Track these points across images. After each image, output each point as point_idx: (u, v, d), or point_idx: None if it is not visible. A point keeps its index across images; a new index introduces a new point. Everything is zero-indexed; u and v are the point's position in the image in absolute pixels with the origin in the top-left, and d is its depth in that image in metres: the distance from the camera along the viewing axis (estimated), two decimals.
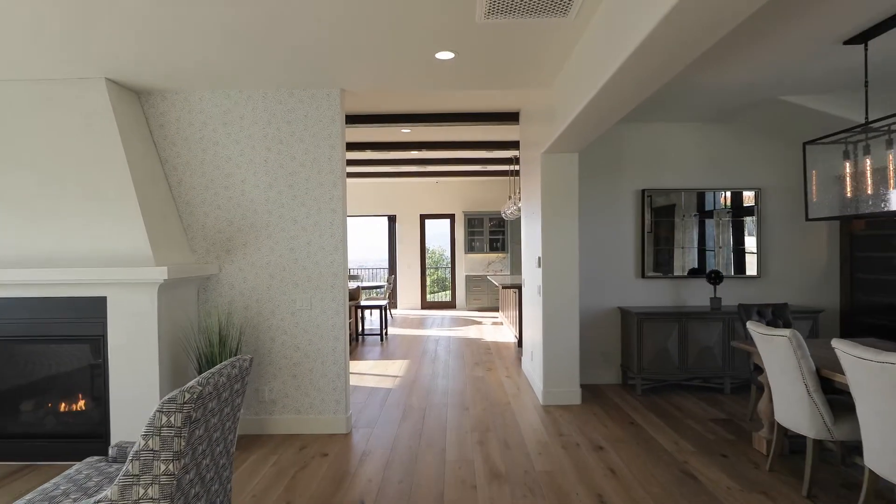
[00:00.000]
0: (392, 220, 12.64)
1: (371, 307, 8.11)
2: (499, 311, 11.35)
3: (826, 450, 3.55)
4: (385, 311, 8.53)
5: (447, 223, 12.61)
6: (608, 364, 5.53)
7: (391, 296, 12.33)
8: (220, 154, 4.15)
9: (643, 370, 5.08)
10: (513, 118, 5.80)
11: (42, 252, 3.63)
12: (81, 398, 3.74)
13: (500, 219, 12.16)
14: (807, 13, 2.97)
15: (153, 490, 1.83)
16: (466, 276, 12.23)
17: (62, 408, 3.76)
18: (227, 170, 4.15)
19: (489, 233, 12.29)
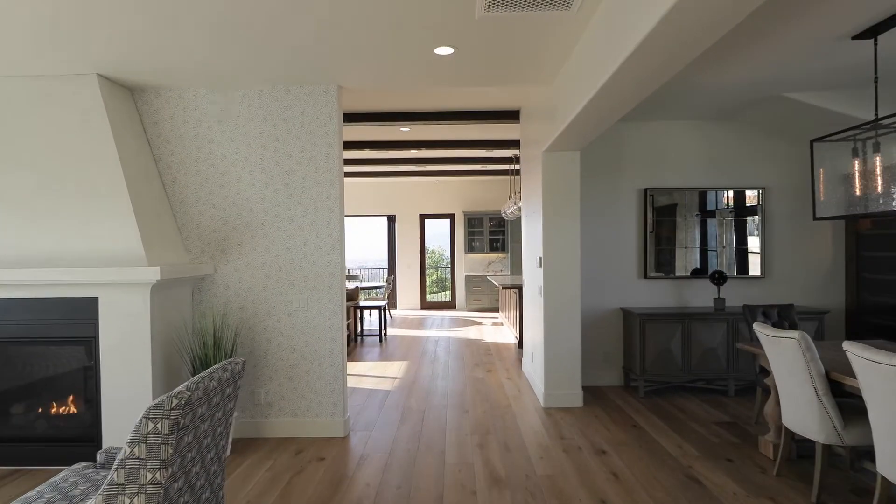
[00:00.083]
0: (391, 220, 12.57)
1: (370, 308, 8.04)
2: (499, 312, 11.28)
3: (834, 454, 3.47)
4: (384, 312, 8.45)
5: (447, 223, 12.53)
6: (610, 365, 5.45)
7: (390, 296, 12.25)
8: (215, 152, 4.07)
9: (646, 372, 5.00)
10: (513, 116, 5.72)
11: (31, 252, 3.55)
12: (73, 401, 3.66)
13: (500, 218, 12.08)
14: (814, 8, 2.89)
15: (139, 500, 1.76)
16: (466, 277, 12.16)
17: (53, 411, 3.68)
18: (223, 168, 4.07)
19: (489, 233, 12.22)
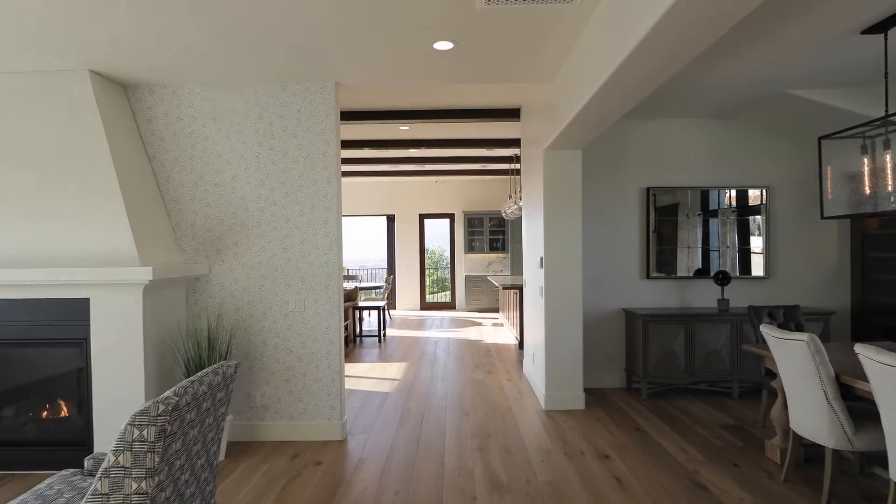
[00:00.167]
0: (391, 220, 12.49)
1: (369, 308, 7.96)
2: (499, 312, 11.20)
3: (843, 459, 3.39)
4: (383, 313, 8.37)
5: (447, 223, 12.45)
6: (612, 367, 5.37)
7: (390, 296, 12.17)
8: (210, 150, 3.99)
9: (648, 374, 4.92)
10: (514, 115, 5.64)
11: (21, 252, 3.47)
12: (64, 404, 3.58)
13: (501, 218, 12.01)
14: (821, 2, 2.82)
15: None
16: (466, 277, 12.08)
17: (45, 414, 3.61)
18: (218, 166, 3.99)
19: (489, 232, 12.14)
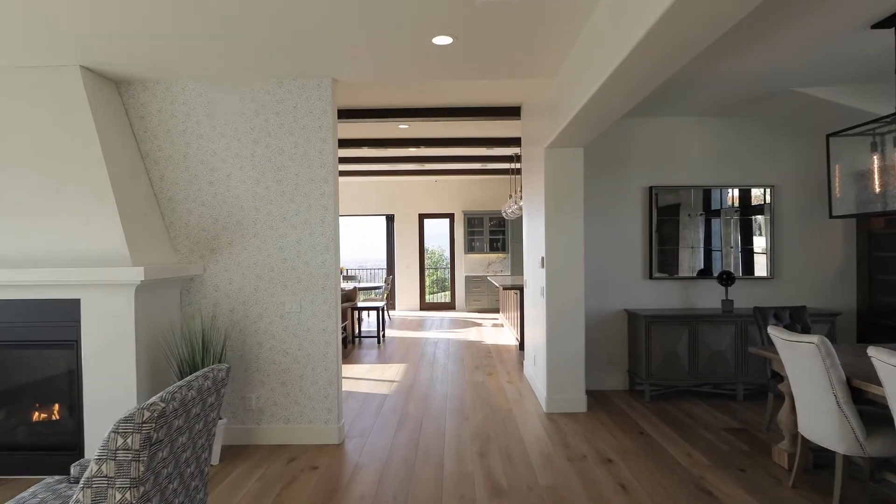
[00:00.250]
0: (390, 220, 12.41)
1: (367, 309, 7.88)
2: (499, 313, 11.12)
3: (853, 464, 3.30)
4: (382, 313, 8.29)
5: (446, 223, 12.38)
6: (614, 369, 5.29)
7: (389, 297, 12.09)
8: (205, 147, 3.91)
9: (651, 375, 4.84)
10: (514, 113, 5.57)
11: (9, 252, 3.38)
12: (55, 407, 3.50)
13: (501, 218, 11.93)
14: None
15: None
16: (466, 277, 12.00)
17: (35, 417, 3.52)
18: (212, 164, 3.91)
19: (489, 232, 12.06)
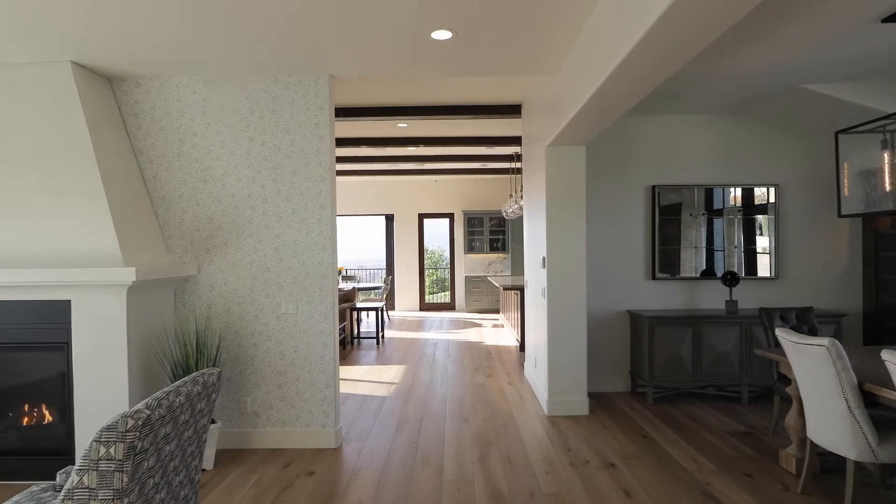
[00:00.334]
0: (390, 220, 12.33)
1: (366, 309, 7.80)
2: (499, 313, 11.04)
3: (863, 470, 3.22)
4: (381, 314, 8.21)
5: (446, 223, 12.30)
6: (616, 371, 5.21)
7: (389, 297, 12.01)
8: (199, 145, 3.83)
9: (654, 377, 4.76)
10: (514, 111, 5.49)
11: None
12: (46, 411, 3.42)
13: (501, 218, 11.85)
14: None
15: None
16: (466, 277, 11.92)
17: (26, 421, 3.44)
18: (207, 162, 3.83)
19: (489, 232, 11.98)
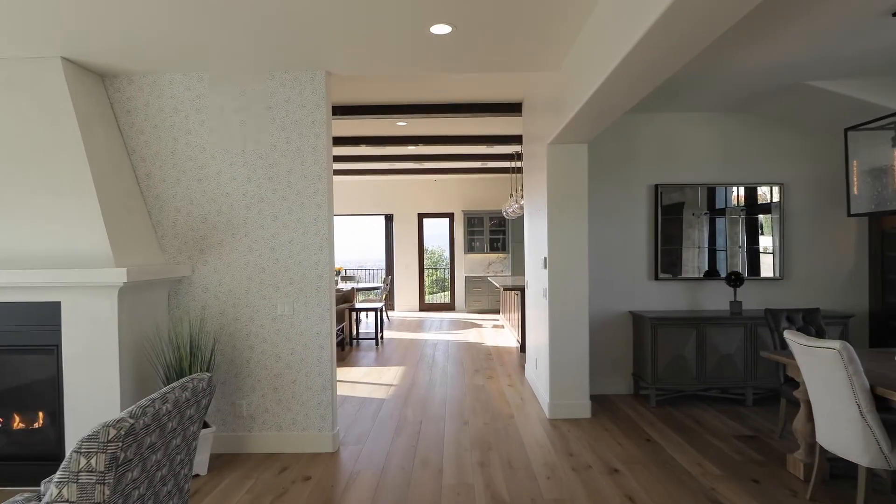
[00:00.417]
0: (389, 220, 12.25)
1: (365, 310, 7.72)
2: (499, 314, 10.96)
3: (874, 476, 3.14)
4: (380, 314, 8.13)
5: (446, 222, 12.22)
6: (618, 372, 5.13)
7: (388, 297, 11.93)
8: (193, 143, 3.75)
9: (658, 380, 4.68)
10: (515, 109, 5.41)
11: None
12: (37, 415, 3.34)
13: (501, 218, 11.77)
14: None
15: None
16: (466, 277, 11.84)
17: (16, 425, 3.36)
18: (201, 161, 3.75)
19: (489, 232, 11.91)
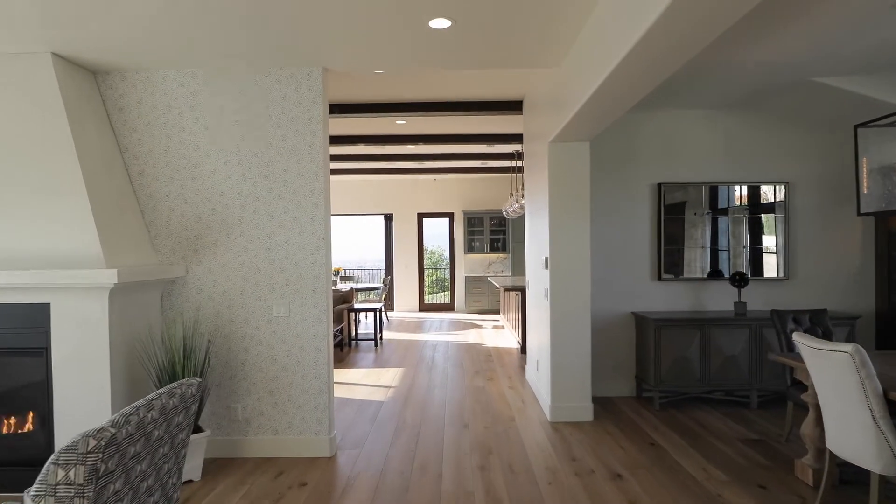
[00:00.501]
0: (389, 220, 12.17)
1: (364, 310, 7.64)
2: (500, 314, 10.88)
3: (887, 482, 3.06)
4: (379, 315, 8.06)
5: (446, 222, 12.14)
6: (620, 374, 5.05)
7: (388, 298, 11.86)
8: (187, 141, 3.67)
9: (661, 382, 4.60)
10: (516, 107, 5.33)
11: None
12: (27, 419, 3.26)
13: (501, 217, 11.69)
14: None
15: None
16: (466, 278, 11.76)
17: (4, 430, 3.29)
18: (195, 159, 3.67)
19: (490, 232, 11.83)
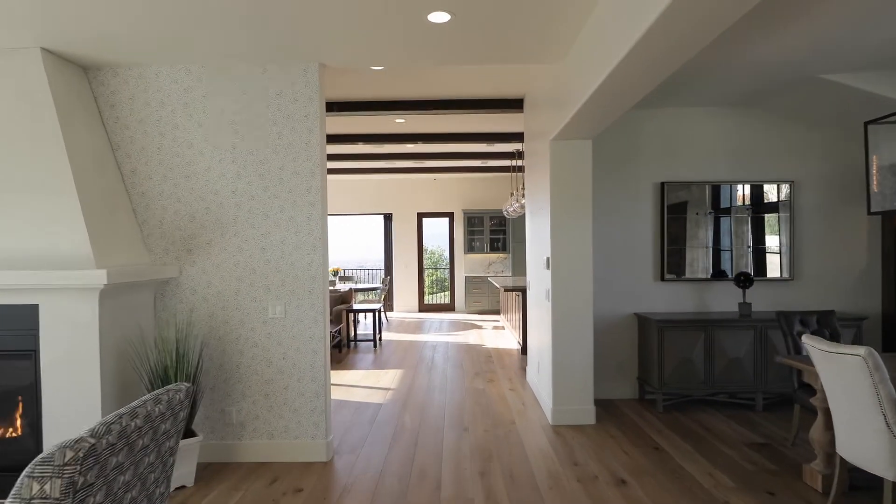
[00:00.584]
0: (388, 219, 12.09)
1: (363, 311, 7.56)
2: (500, 315, 10.80)
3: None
4: (379, 315, 7.98)
5: (446, 222, 12.06)
6: (623, 376, 4.97)
7: (387, 298, 11.78)
8: (181, 138, 3.59)
9: (664, 384, 4.52)
10: (516, 105, 5.26)
11: None
12: (15, 423, 3.18)
13: (502, 217, 11.62)
14: None
15: None
16: (466, 278, 11.69)
17: None
18: (189, 157, 3.59)
19: (490, 232, 11.75)
